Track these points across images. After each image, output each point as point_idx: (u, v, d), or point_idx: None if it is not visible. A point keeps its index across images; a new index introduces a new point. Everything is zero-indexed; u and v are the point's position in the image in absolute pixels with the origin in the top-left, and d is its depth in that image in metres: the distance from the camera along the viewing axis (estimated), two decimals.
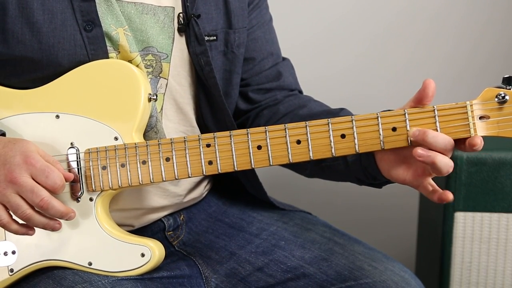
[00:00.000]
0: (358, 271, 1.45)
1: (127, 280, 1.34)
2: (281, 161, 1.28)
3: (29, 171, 1.25)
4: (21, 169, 1.25)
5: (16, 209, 1.26)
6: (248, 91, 1.59)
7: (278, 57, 1.63)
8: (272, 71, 1.60)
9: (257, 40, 1.58)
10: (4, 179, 1.25)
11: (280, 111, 1.55)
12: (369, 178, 1.37)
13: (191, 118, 1.51)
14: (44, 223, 1.29)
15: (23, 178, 1.24)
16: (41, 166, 1.25)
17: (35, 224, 1.29)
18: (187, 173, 1.31)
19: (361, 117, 1.25)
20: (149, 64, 1.42)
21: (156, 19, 1.42)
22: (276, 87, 1.60)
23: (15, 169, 1.25)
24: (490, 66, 2.48)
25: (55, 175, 1.26)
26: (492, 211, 1.92)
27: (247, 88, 1.59)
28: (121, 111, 1.34)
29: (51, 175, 1.26)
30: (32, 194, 1.25)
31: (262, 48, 1.59)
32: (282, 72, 1.61)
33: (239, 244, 1.52)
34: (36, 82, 1.37)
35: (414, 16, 2.47)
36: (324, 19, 2.46)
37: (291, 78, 1.64)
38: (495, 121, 1.21)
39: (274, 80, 1.60)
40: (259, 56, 1.59)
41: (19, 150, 1.26)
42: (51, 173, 1.26)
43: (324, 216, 1.66)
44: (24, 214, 1.26)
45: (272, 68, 1.61)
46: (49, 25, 1.34)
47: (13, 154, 1.26)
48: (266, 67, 1.60)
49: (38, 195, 1.25)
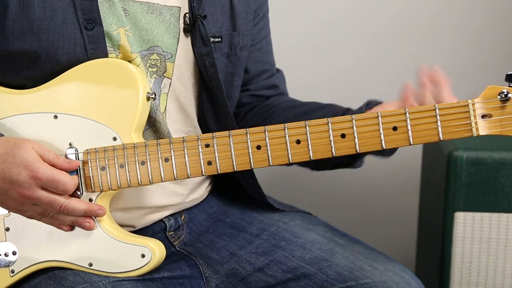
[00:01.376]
0: (359, 271, 1.45)
1: (127, 281, 1.34)
2: (281, 161, 1.28)
3: (39, 185, 1.27)
4: (30, 185, 1.26)
5: (43, 215, 1.31)
6: (243, 97, 1.62)
7: (274, 68, 1.68)
8: (269, 82, 1.65)
9: (261, 50, 1.62)
10: (19, 196, 1.27)
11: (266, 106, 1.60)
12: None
13: (194, 119, 1.51)
14: (72, 220, 1.32)
15: (36, 193, 1.27)
16: (47, 178, 1.26)
17: (65, 223, 1.32)
18: (186, 173, 1.31)
19: (362, 116, 1.24)
20: (154, 63, 1.42)
21: (162, 19, 1.42)
22: (270, 95, 1.65)
23: (26, 187, 1.26)
24: (490, 66, 2.48)
25: (63, 180, 1.28)
26: (492, 211, 1.92)
27: (242, 93, 1.61)
28: (119, 111, 1.34)
29: (60, 183, 1.27)
30: (50, 206, 1.28)
31: (263, 60, 1.63)
32: (278, 85, 1.67)
33: (240, 245, 1.52)
34: (34, 80, 1.37)
35: (414, 16, 2.47)
36: (324, 19, 2.46)
37: (284, 90, 1.70)
38: (497, 120, 1.20)
39: (270, 90, 1.65)
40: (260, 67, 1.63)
41: (21, 164, 1.26)
42: (59, 181, 1.27)
43: (323, 216, 1.66)
44: (51, 215, 1.30)
45: (269, 79, 1.65)
46: (49, 22, 1.34)
47: (17, 171, 1.26)
48: (264, 77, 1.64)
49: (56, 204, 1.28)
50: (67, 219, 1.31)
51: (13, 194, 1.27)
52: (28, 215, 1.32)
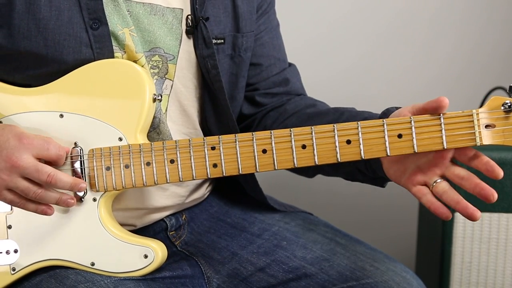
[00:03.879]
0: (360, 271, 1.45)
1: (129, 280, 1.34)
2: (286, 165, 1.28)
3: (28, 150, 1.27)
4: (19, 151, 1.26)
5: (27, 193, 1.29)
6: (255, 95, 1.59)
7: (285, 63, 1.64)
8: (280, 77, 1.61)
9: (264, 46, 1.59)
10: (5, 166, 1.26)
11: (287, 111, 1.55)
12: (369, 171, 1.37)
13: (195, 121, 1.51)
14: (56, 197, 1.30)
15: (24, 159, 1.26)
16: (38, 141, 1.28)
17: (49, 201, 1.31)
18: (191, 175, 1.31)
19: (367, 123, 1.25)
20: (155, 65, 1.42)
21: (164, 20, 1.42)
22: (283, 92, 1.61)
23: (14, 152, 1.26)
24: (490, 66, 2.48)
25: (52, 145, 1.29)
26: (492, 211, 1.92)
27: (254, 92, 1.59)
28: (125, 112, 1.34)
29: (51, 146, 1.29)
30: (37, 173, 1.27)
31: (269, 54, 1.60)
32: (289, 78, 1.62)
33: (241, 244, 1.53)
34: (40, 79, 1.37)
35: (414, 16, 2.47)
36: (324, 20, 2.46)
37: (298, 83, 1.65)
38: (500, 130, 1.21)
39: (281, 86, 1.61)
40: (266, 61, 1.59)
41: (10, 133, 1.28)
42: (51, 144, 1.29)
43: (323, 216, 1.66)
44: (35, 195, 1.29)
45: (280, 74, 1.61)
46: (55, 21, 1.34)
47: (5, 138, 1.27)
48: (274, 73, 1.61)
49: (43, 172, 1.27)
50: (52, 197, 1.30)
51: (0, 163, 1.27)
52: (9, 199, 1.29)
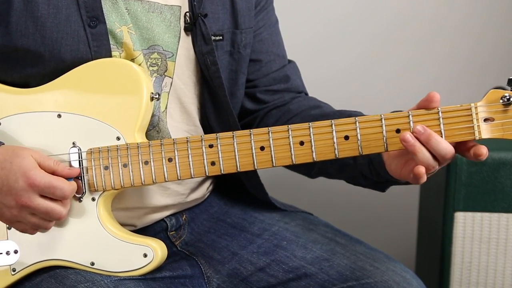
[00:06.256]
0: (360, 271, 1.45)
1: (129, 280, 1.34)
2: (284, 162, 1.28)
3: (36, 192, 1.27)
4: (28, 193, 1.26)
5: (37, 227, 1.31)
6: (256, 92, 1.59)
7: (284, 59, 1.64)
8: (280, 74, 1.61)
9: (263, 42, 1.59)
10: (16, 205, 1.27)
11: (291, 111, 1.55)
12: (373, 175, 1.37)
13: (195, 118, 1.51)
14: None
15: (34, 201, 1.27)
16: (44, 184, 1.27)
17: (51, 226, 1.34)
18: (189, 173, 1.31)
19: (365, 118, 1.24)
20: (154, 62, 1.42)
21: (163, 18, 1.42)
22: (284, 89, 1.61)
23: (23, 195, 1.26)
24: (490, 66, 2.48)
25: (60, 186, 1.28)
26: (492, 211, 1.92)
27: (255, 89, 1.59)
28: (123, 111, 1.34)
29: (58, 189, 1.28)
30: (47, 215, 1.29)
31: (268, 50, 1.60)
32: (289, 75, 1.62)
33: (241, 244, 1.52)
34: (38, 78, 1.37)
35: (414, 16, 2.47)
36: (323, 19, 2.46)
37: (298, 81, 1.64)
38: (499, 124, 1.20)
39: (282, 83, 1.61)
40: (265, 57, 1.59)
41: (18, 171, 1.27)
42: (57, 187, 1.27)
43: (323, 216, 1.66)
44: (47, 228, 1.32)
45: (280, 71, 1.61)
46: (53, 19, 1.34)
47: (14, 178, 1.26)
48: (274, 69, 1.60)
49: (54, 214, 1.29)
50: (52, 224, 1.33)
51: (10, 202, 1.27)
52: (21, 229, 1.32)
